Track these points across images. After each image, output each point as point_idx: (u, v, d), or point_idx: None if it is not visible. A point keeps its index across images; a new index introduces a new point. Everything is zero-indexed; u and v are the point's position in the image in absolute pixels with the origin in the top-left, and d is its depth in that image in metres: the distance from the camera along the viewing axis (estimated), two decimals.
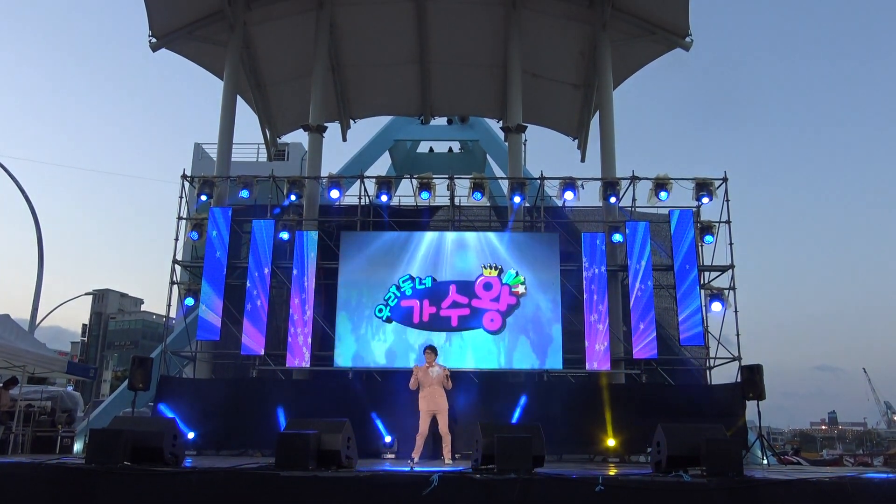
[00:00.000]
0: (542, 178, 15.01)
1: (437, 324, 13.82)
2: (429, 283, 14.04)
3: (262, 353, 13.88)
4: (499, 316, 13.82)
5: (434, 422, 10.27)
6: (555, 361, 13.54)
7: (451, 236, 14.54)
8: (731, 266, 14.22)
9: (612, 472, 7.35)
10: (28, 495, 6.96)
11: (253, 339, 13.83)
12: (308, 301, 14.00)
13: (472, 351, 13.64)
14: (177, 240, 14.64)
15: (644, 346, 13.56)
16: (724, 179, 14.55)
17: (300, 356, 13.74)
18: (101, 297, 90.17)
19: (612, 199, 14.69)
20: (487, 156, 24.36)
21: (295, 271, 14.23)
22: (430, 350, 10.64)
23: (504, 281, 13.98)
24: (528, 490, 6.42)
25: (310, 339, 13.85)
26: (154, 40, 16.90)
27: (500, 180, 19.07)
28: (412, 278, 14.09)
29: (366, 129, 23.50)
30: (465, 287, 13.99)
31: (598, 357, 13.53)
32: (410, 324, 13.81)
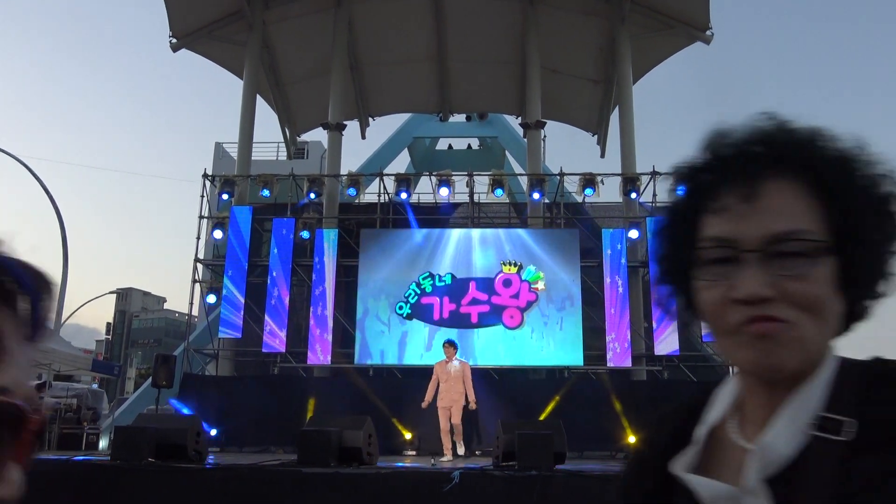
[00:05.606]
0: (562, 175, 14.94)
1: (457, 321, 13.80)
2: (448, 280, 14.02)
3: (284, 350, 13.97)
4: (518, 312, 13.78)
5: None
6: (576, 358, 13.49)
7: (470, 233, 14.52)
8: None
9: None
10: (55, 491, 7.07)
11: (274, 337, 13.92)
12: (328, 299, 14.06)
13: (494, 347, 13.62)
14: (199, 238, 14.80)
15: (666, 342, 13.46)
16: None
17: (321, 354, 13.81)
18: (124, 296, 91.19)
19: (633, 195, 14.59)
20: (506, 152, 24.30)
21: (315, 269, 14.30)
22: (450, 345, 10.59)
23: (523, 277, 13.93)
24: (549, 487, 6.40)
25: (330, 337, 13.92)
26: (174, 41, 17.04)
27: (519, 177, 19.01)
28: (432, 275, 14.08)
29: (384, 126, 23.55)
30: (485, 284, 13.96)
31: (619, 353, 13.45)
32: (431, 321, 13.82)
